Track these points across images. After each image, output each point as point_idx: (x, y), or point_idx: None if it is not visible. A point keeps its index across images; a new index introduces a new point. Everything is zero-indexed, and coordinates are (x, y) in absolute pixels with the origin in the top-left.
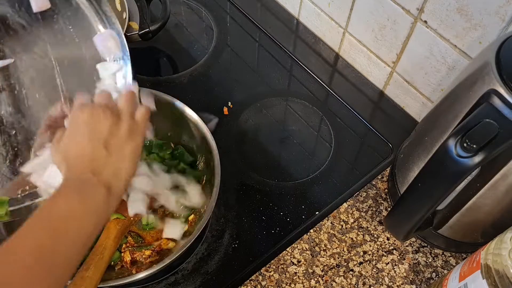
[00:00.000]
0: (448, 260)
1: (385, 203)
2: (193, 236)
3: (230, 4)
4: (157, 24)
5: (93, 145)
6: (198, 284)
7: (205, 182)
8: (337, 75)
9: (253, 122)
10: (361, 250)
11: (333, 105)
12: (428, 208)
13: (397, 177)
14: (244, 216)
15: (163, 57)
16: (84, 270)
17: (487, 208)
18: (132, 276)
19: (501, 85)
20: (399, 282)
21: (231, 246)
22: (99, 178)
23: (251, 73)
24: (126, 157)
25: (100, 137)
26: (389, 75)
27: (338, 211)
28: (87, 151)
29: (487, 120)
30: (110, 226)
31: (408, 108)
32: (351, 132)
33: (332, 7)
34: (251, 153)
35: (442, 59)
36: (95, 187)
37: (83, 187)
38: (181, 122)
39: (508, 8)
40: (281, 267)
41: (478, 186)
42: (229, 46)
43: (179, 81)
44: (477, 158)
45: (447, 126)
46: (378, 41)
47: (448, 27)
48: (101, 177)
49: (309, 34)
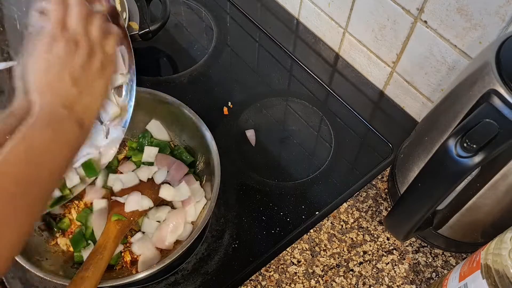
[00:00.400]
0: (448, 260)
1: (385, 203)
2: (193, 236)
3: (230, 4)
4: (157, 24)
5: (65, 79)
6: (198, 284)
7: (205, 182)
8: (337, 75)
9: (253, 122)
10: (361, 250)
11: (333, 105)
12: (428, 208)
13: (397, 177)
14: (244, 216)
15: (163, 57)
16: (84, 270)
17: (487, 208)
18: (132, 276)
19: (501, 85)
20: (399, 282)
21: (231, 246)
22: (70, 113)
23: (251, 73)
24: (96, 92)
25: (72, 72)
26: (389, 75)
27: (338, 211)
28: (58, 84)
29: (487, 120)
30: (110, 226)
31: (408, 108)
32: (351, 132)
33: (332, 7)
34: (251, 153)
35: (442, 59)
36: (67, 122)
37: (56, 122)
38: (181, 122)
39: (508, 8)
40: (281, 267)
41: (478, 186)
42: (229, 46)
43: (179, 81)
44: (477, 158)
45: (447, 126)
46: (378, 41)
47: (448, 27)
48: (73, 112)
49: (309, 34)
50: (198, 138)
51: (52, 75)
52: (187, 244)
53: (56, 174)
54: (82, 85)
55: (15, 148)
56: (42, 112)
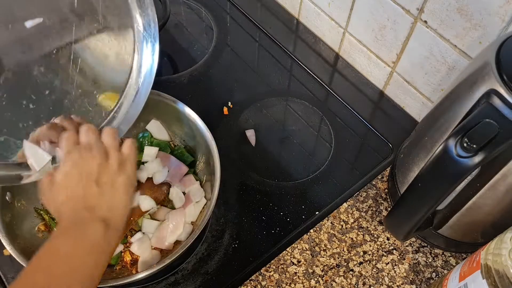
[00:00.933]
0: (448, 260)
1: (385, 203)
2: (193, 236)
3: (230, 4)
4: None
5: (84, 184)
6: (198, 284)
7: (205, 182)
8: (337, 75)
9: (253, 122)
10: (361, 250)
11: (333, 105)
12: (428, 208)
13: (397, 177)
14: (244, 216)
15: (163, 57)
16: None
17: (487, 208)
18: (132, 276)
19: (501, 85)
20: (399, 282)
21: (231, 246)
22: (94, 214)
23: (251, 73)
24: (119, 189)
25: (91, 176)
26: (389, 75)
27: (338, 211)
28: (78, 191)
29: (487, 120)
30: None
31: (408, 108)
32: (351, 132)
33: (332, 7)
34: (251, 153)
35: (442, 59)
36: (91, 223)
37: (79, 225)
38: (181, 122)
39: (508, 8)
40: (281, 267)
41: (478, 186)
42: (229, 46)
43: (179, 81)
44: (477, 158)
45: (447, 126)
46: (378, 41)
47: (448, 27)
48: (96, 212)
49: (309, 34)
50: (198, 138)
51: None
52: (187, 244)
53: (86, 282)
54: (102, 186)
55: (37, 258)
56: (66, 216)
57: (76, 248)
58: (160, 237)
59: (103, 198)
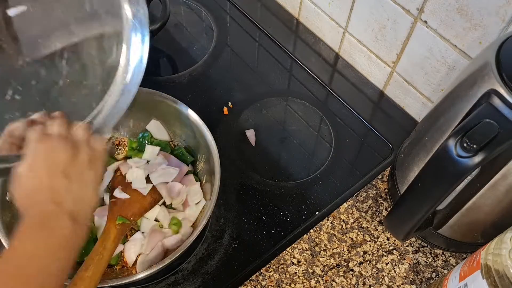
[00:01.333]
0: (448, 260)
1: (385, 203)
2: (193, 236)
3: (230, 4)
4: (157, 24)
5: (52, 176)
6: (198, 284)
7: (205, 182)
8: (337, 75)
9: (253, 122)
10: (361, 250)
11: (333, 105)
12: (428, 208)
13: (397, 177)
14: (244, 216)
15: (163, 57)
16: (83, 270)
17: (487, 208)
18: (132, 276)
19: (501, 85)
20: (399, 282)
21: (231, 246)
22: (61, 208)
23: (251, 73)
24: (87, 184)
25: (59, 168)
26: (389, 75)
27: (338, 211)
28: (46, 182)
29: (487, 120)
30: (110, 227)
31: (408, 108)
32: (351, 132)
33: (332, 7)
34: (251, 153)
35: (442, 59)
36: (59, 218)
37: (46, 221)
38: (181, 122)
39: (508, 8)
40: (281, 267)
41: (478, 186)
42: (229, 46)
43: (179, 81)
44: (477, 158)
45: (447, 126)
46: (378, 41)
47: (448, 27)
48: (64, 206)
49: (309, 34)
50: (198, 138)
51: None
52: (187, 244)
53: (56, 278)
54: (70, 178)
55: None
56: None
57: (45, 246)
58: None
59: (71, 191)
